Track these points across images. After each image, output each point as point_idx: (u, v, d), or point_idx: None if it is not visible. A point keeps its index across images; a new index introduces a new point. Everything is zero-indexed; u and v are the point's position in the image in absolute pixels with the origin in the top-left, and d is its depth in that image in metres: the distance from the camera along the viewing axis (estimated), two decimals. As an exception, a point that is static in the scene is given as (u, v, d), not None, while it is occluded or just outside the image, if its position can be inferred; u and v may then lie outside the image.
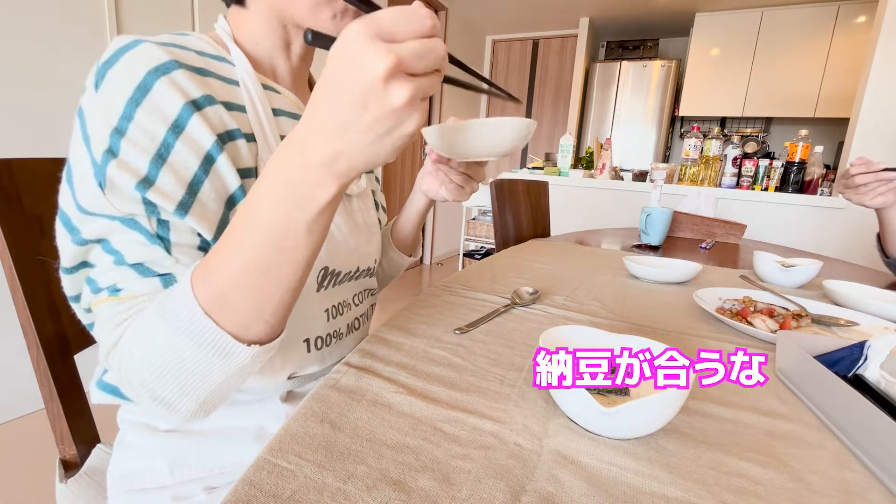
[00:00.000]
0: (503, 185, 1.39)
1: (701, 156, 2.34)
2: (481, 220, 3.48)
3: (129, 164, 0.34)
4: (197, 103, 0.37)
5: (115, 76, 0.35)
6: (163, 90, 0.35)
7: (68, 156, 0.37)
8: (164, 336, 0.31)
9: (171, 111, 0.35)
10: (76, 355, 0.53)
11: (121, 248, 0.36)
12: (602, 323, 0.60)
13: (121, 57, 0.35)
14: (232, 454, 0.47)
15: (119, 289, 0.36)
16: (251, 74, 0.44)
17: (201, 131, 0.37)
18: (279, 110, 0.47)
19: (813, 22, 3.27)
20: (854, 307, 0.66)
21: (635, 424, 0.33)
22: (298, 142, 0.29)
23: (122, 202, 0.34)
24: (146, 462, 0.46)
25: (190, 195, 0.36)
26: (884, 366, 0.39)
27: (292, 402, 0.50)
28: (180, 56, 0.38)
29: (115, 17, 1.54)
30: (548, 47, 4.14)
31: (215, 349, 0.31)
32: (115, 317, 0.35)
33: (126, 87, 0.34)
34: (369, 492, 0.27)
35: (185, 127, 0.36)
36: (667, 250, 1.30)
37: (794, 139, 2.17)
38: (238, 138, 0.40)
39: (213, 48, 0.44)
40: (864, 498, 0.29)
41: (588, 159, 2.88)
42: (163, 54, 0.36)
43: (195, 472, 0.46)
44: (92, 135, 0.34)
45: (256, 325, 0.32)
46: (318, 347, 0.50)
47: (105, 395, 0.45)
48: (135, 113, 0.34)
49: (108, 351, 0.36)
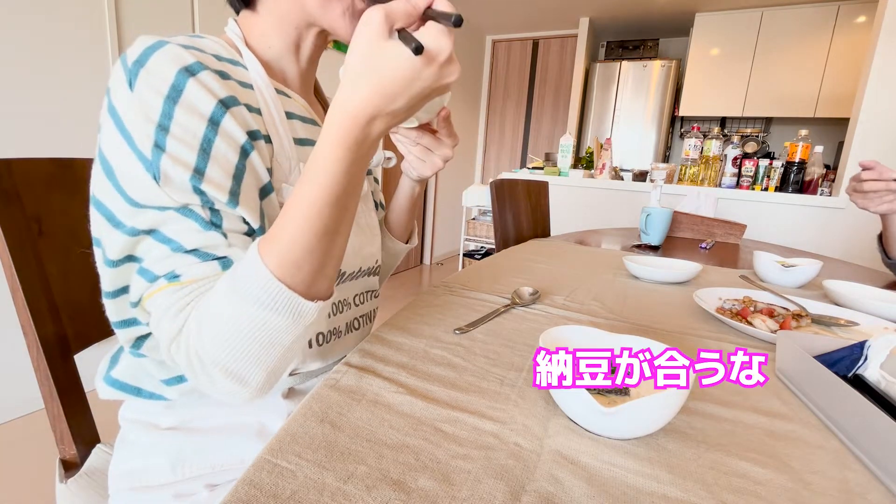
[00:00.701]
0: (503, 185, 1.39)
1: (701, 156, 2.34)
2: (481, 220, 3.48)
3: (178, 158, 0.35)
4: (225, 103, 0.38)
5: (147, 76, 0.35)
6: (195, 90, 0.36)
7: (101, 154, 0.37)
8: (236, 308, 0.33)
9: (206, 109, 0.37)
10: (76, 355, 0.53)
11: (176, 236, 0.36)
12: (602, 323, 0.60)
13: (150, 56, 0.36)
14: (233, 451, 0.47)
15: (178, 275, 0.36)
16: (265, 78, 0.45)
17: (234, 128, 0.38)
18: (291, 114, 0.48)
19: (813, 22, 3.27)
20: (854, 307, 0.66)
21: (635, 424, 0.33)
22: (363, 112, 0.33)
23: (177, 193, 0.36)
24: (148, 460, 0.46)
25: (237, 185, 0.38)
26: (884, 366, 0.39)
27: (293, 399, 0.50)
28: (202, 59, 0.38)
29: (115, 17, 1.54)
30: (548, 47, 4.14)
31: (288, 311, 0.34)
32: (178, 301, 0.36)
33: (161, 87, 0.35)
34: (369, 492, 0.27)
35: (221, 123, 0.37)
36: (667, 250, 1.30)
37: (794, 139, 2.17)
38: (259, 138, 0.42)
39: (227, 52, 0.44)
40: (864, 498, 0.29)
41: (588, 159, 2.88)
42: (187, 55, 0.37)
43: (197, 469, 0.46)
44: (133, 132, 0.35)
45: (320, 282, 0.36)
46: (320, 343, 0.50)
47: (113, 391, 0.45)
48: (174, 111, 0.35)
49: (172, 338, 0.36)
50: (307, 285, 0.35)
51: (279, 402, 0.49)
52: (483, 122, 4.48)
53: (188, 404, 0.47)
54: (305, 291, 0.34)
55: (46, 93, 1.42)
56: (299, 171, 0.46)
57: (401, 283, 3.41)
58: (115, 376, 0.45)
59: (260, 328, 0.34)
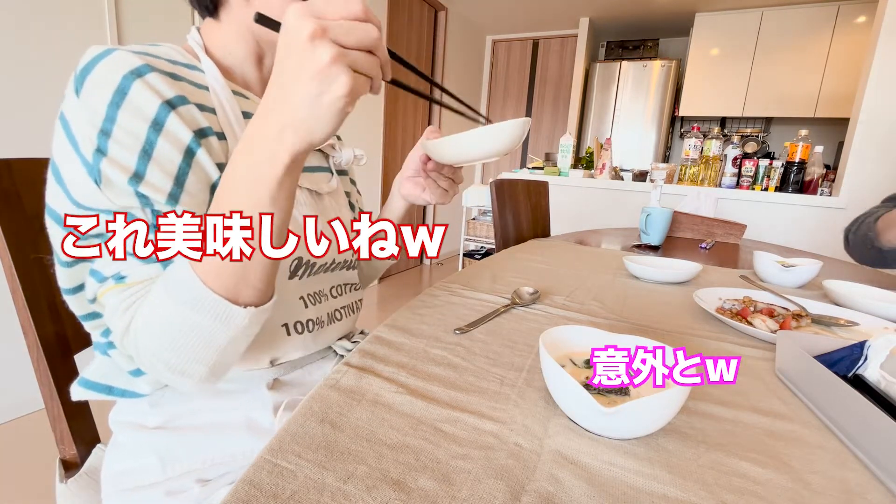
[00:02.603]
0: (503, 185, 1.39)
1: (701, 156, 2.34)
2: (481, 220, 3.48)
3: (118, 162, 0.36)
4: (171, 103, 0.39)
5: (93, 82, 0.37)
6: (139, 91, 0.37)
7: (52, 159, 0.38)
8: (170, 309, 0.35)
9: (150, 110, 0.38)
10: (76, 355, 0.53)
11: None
12: (602, 323, 0.60)
13: (97, 64, 0.37)
14: (223, 446, 0.47)
15: (124, 276, 0.39)
16: (220, 80, 0.46)
17: (179, 127, 0.39)
18: (248, 113, 0.48)
19: (813, 22, 3.27)
20: (854, 307, 0.66)
21: (635, 424, 0.33)
22: (260, 115, 0.32)
23: (117, 196, 0.37)
24: (138, 460, 0.46)
25: (178, 187, 0.39)
26: (884, 366, 0.39)
27: (279, 390, 0.50)
28: (152, 62, 0.40)
29: (115, 17, 1.54)
30: (548, 47, 4.14)
31: (215, 314, 0.34)
32: (124, 301, 0.38)
33: (105, 92, 0.36)
34: (369, 492, 0.27)
35: (165, 124, 0.38)
36: (667, 250, 1.30)
37: (794, 139, 2.17)
38: (211, 135, 0.42)
39: (183, 57, 0.46)
40: (864, 498, 0.29)
41: (588, 159, 2.88)
42: (136, 59, 0.38)
43: (187, 465, 0.46)
44: (78, 137, 0.37)
45: (244, 290, 0.35)
46: (299, 332, 0.50)
47: (84, 391, 0.46)
48: (117, 114, 0.36)
49: (122, 334, 0.39)
50: (232, 292, 0.35)
51: (265, 395, 0.49)
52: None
53: (172, 402, 0.47)
54: (232, 297, 0.35)
55: (46, 93, 1.42)
56: None
57: (401, 283, 3.41)
58: (86, 377, 0.46)
59: (192, 328, 0.35)
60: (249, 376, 0.49)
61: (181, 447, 0.46)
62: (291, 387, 0.52)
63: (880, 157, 1.99)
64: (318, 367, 0.56)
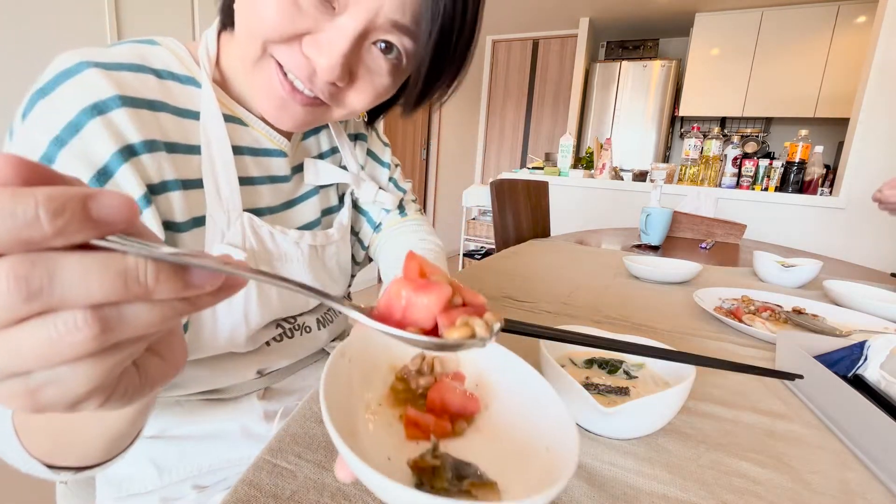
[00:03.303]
0: (503, 185, 1.39)
1: (701, 156, 2.34)
2: (481, 220, 3.48)
3: None
4: (132, 149, 0.34)
5: (45, 108, 0.32)
6: (95, 132, 0.33)
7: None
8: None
9: (100, 157, 0.33)
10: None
11: None
12: (602, 323, 0.60)
13: (58, 86, 0.33)
14: (219, 454, 0.47)
15: None
16: (213, 107, 0.40)
17: (129, 181, 0.34)
18: (242, 147, 0.44)
19: (813, 22, 3.27)
20: (854, 307, 0.66)
21: (635, 424, 0.33)
22: None
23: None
24: (134, 469, 0.45)
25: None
26: (884, 366, 0.39)
27: (270, 399, 0.50)
28: (130, 87, 0.35)
29: (114, 17, 1.55)
30: (548, 47, 4.14)
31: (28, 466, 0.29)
32: None
33: (53, 125, 0.32)
34: (369, 492, 0.27)
35: (113, 176, 0.33)
36: (667, 250, 1.30)
37: (794, 139, 2.17)
38: (172, 190, 0.37)
39: (181, 65, 0.41)
40: (864, 498, 0.29)
41: (588, 159, 2.88)
42: (106, 87, 0.33)
43: (183, 472, 0.46)
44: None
45: (66, 457, 0.29)
46: (279, 340, 0.49)
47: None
48: (57, 154, 0.32)
49: None
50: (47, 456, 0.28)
51: (255, 405, 0.49)
52: (483, 122, 4.48)
53: (165, 412, 0.47)
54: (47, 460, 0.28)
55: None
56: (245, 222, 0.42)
57: (401, 283, 3.40)
58: None
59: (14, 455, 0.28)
60: (239, 387, 0.48)
61: (177, 455, 0.46)
62: (284, 394, 0.51)
63: (880, 157, 1.99)
64: (311, 371, 0.55)
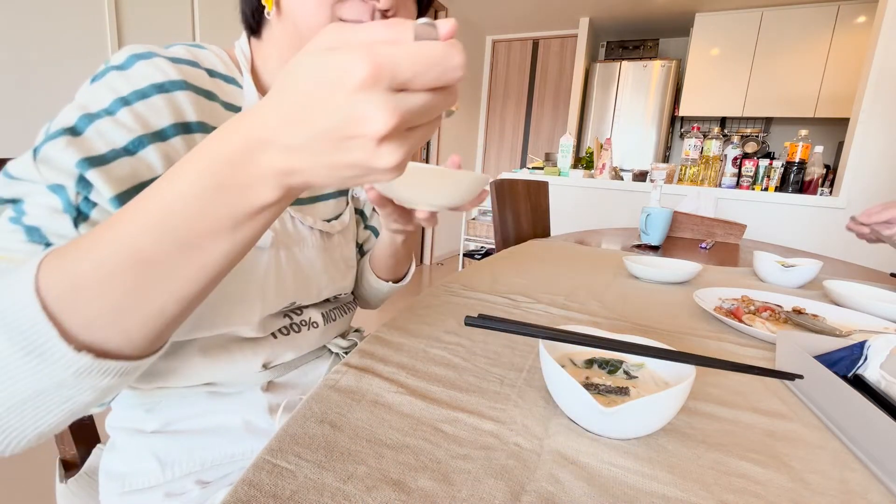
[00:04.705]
0: (503, 185, 1.39)
1: (701, 156, 2.34)
2: (481, 220, 3.48)
3: (85, 144, 0.33)
4: (188, 126, 0.37)
5: (118, 77, 0.35)
6: (158, 104, 0.35)
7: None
8: None
9: (159, 124, 0.36)
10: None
11: (29, 208, 0.32)
12: (602, 323, 0.60)
13: (133, 64, 0.36)
14: (222, 448, 0.47)
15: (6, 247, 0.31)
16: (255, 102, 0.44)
17: (182, 152, 0.36)
18: None
19: (813, 22, 3.27)
20: (854, 307, 0.66)
21: (635, 424, 0.33)
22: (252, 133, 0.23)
23: (52, 173, 0.32)
24: (137, 464, 0.46)
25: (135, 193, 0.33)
26: (884, 366, 0.39)
27: (274, 392, 0.50)
28: (191, 76, 0.38)
29: (115, 19, 1.55)
30: (548, 47, 4.14)
31: (26, 339, 0.23)
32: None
33: (122, 89, 0.35)
34: (369, 492, 0.27)
35: (168, 140, 0.36)
36: (667, 250, 1.30)
37: (794, 139, 2.17)
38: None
39: (225, 67, 0.44)
40: (864, 498, 0.29)
41: (588, 159, 2.88)
42: (175, 72, 0.36)
43: (187, 467, 0.46)
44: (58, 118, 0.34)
45: (105, 330, 0.25)
46: (286, 333, 0.50)
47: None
48: (118, 110, 0.34)
49: None
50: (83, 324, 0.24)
51: (259, 397, 0.49)
52: (483, 122, 4.48)
53: (168, 406, 0.47)
54: (76, 331, 0.24)
55: (47, 94, 1.42)
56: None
57: (401, 283, 3.41)
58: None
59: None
60: (243, 381, 0.49)
61: (180, 450, 0.46)
62: (287, 388, 0.52)
63: (880, 157, 1.99)
64: (313, 367, 0.56)
